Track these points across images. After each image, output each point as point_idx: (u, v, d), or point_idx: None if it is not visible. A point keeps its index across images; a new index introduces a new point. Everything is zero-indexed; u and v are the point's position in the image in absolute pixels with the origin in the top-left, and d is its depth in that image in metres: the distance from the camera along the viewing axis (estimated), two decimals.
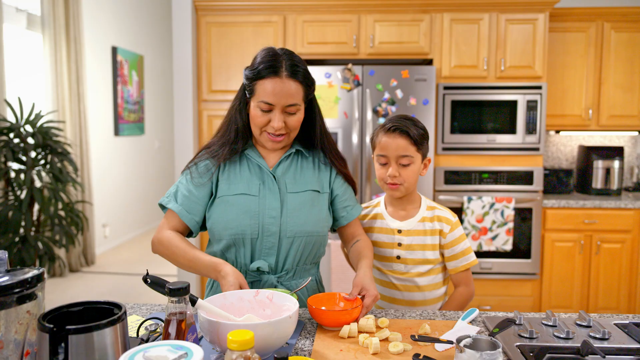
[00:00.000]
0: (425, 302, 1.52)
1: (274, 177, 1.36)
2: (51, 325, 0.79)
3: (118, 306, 0.90)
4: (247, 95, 1.34)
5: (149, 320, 1.17)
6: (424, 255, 1.49)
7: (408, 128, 1.44)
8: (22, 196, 3.43)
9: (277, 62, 1.28)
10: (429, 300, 1.52)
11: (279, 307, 1.14)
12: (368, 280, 1.28)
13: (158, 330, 1.14)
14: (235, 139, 1.37)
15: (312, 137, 1.41)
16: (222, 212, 1.34)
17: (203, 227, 1.40)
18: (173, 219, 1.37)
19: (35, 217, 3.56)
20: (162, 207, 1.39)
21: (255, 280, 1.36)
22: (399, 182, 1.46)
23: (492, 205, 3.15)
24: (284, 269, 1.36)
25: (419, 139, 1.44)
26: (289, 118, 1.31)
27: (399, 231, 1.51)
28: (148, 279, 1.07)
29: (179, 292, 0.92)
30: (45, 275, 1.05)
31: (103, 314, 0.90)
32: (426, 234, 1.50)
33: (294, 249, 1.35)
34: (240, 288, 1.20)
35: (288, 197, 1.35)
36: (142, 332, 1.15)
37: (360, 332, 1.18)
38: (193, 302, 1.03)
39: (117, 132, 5.49)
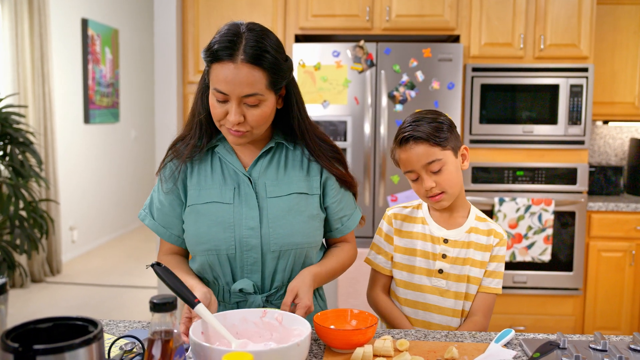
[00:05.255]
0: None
1: (249, 179, 1.35)
2: (16, 345, 0.79)
3: (93, 323, 0.90)
4: (206, 80, 1.32)
5: (123, 339, 1.17)
6: (470, 271, 1.48)
7: (419, 130, 1.41)
8: None
9: (234, 44, 1.21)
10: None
11: (289, 331, 1.13)
12: (305, 287, 1.28)
13: (134, 350, 1.14)
14: (199, 135, 1.36)
15: (292, 130, 1.39)
16: (193, 224, 1.35)
17: None
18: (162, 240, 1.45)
19: None
20: None
21: (242, 300, 1.36)
22: (439, 191, 1.44)
23: (527, 208, 3.14)
24: (273, 287, 1.36)
25: (439, 136, 1.41)
26: (249, 111, 1.25)
27: (445, 241, 1.49)
28: (156, 267, 1.13)
29: (164, 307, 0.91)
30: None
31: (76, 331, 0.90)
32: (475, 247, 1.48)
33: (281, 264, 1.34)
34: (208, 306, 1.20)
35: (268, 204, 1.33)
36: (114, 352, 1.15)
37: (375, 355, 1.18)
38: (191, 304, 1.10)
39: (87, 119, 5.49)
